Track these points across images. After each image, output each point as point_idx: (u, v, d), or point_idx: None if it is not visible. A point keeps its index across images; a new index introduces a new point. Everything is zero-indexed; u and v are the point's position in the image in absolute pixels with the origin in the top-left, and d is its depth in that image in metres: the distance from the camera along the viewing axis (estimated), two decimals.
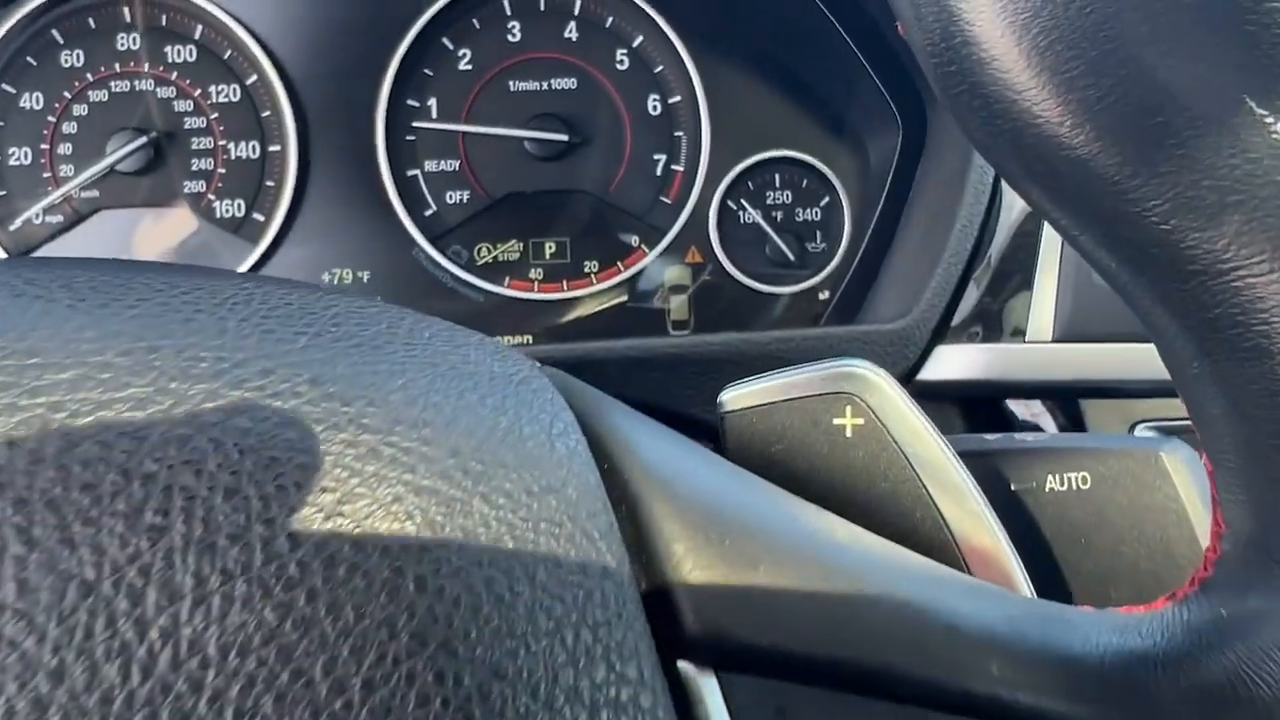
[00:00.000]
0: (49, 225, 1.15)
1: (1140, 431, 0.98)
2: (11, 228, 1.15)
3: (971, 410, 1.02)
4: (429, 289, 1.17)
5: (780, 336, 0.99)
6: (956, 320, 1.00)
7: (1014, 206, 1.01)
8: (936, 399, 1.01)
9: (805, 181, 1.19)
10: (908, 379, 0.99)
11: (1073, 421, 1.01)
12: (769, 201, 1.19)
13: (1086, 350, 0.97)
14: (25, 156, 1.15)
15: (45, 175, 1.15)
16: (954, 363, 1.00)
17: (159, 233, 1.16)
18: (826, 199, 1.19)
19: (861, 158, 1.18)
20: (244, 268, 1.15)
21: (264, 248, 1.15)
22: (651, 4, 1.15)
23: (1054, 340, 0.98)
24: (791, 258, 1.17)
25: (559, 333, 1.17)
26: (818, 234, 1.19)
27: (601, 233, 1.18)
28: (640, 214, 1.18)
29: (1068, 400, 1.01)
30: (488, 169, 1.17)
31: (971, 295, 1.00)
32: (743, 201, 1.18)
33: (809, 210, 1.18)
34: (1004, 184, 1.00)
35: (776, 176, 1.19)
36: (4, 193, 1.15)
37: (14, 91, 1.15)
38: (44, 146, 1.15)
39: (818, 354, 1.01)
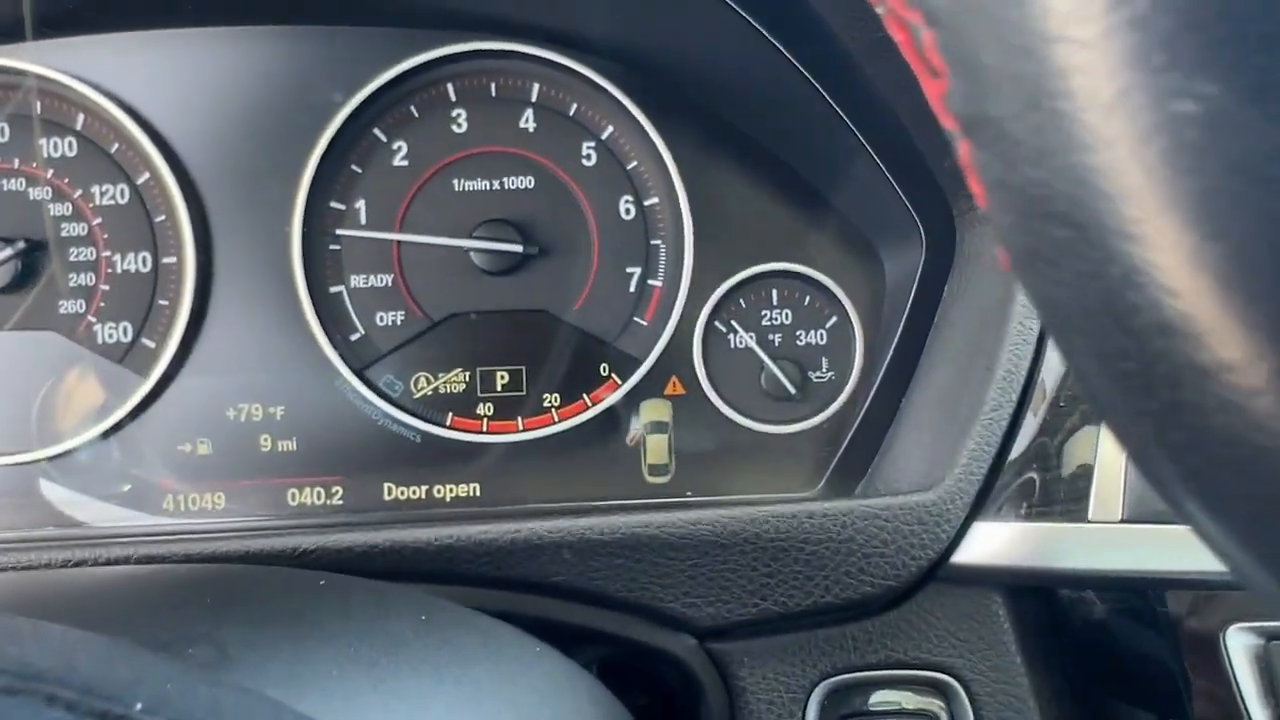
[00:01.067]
0: None
1: (1235, 633, 0.78)
2: None
3: (1017, 600, 0.81)
4: (355, 426, 0.97)
5: (783, 513, 0.79)
6: (998, 490, 0.80)
7: None
8: (974, 584, 0.81)
9: (808, 299, 0.99)
10: (940, 562, 0.79)
11: (1146, 615, 0.81)
12: (764, 322, 0.99)
13: (1165, 534, 0.76)
14: None
15: None
16: (996, 543, 0.79)
17: (25, 364, 0.96)
18: (833, 320, 0.99)
19: (875, 273, 0.99)
20: (130, 405, 0.95)
21: (155, 380, 0.95)
22: (623, 89, 0.96)
23: (1123, 520, 0.77)
24: (793, 390, 0.97)
25: (510, 484, 0.97)
26: (823, 361, 0.99)
27: (563, 360, 0.98)
28: (610, 338, 0.98)
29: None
30: (427, 285, 0.98)
31: (1016, 459, 0.80)
32: (733, 323, 0.99)
33: (813, 333, 0.99)
34: None
35: (774, 293, 0.99)
36: None
37: None
38: None
39: (830, 532, 0.82)
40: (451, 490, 0.98)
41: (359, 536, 0.78)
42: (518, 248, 0.96)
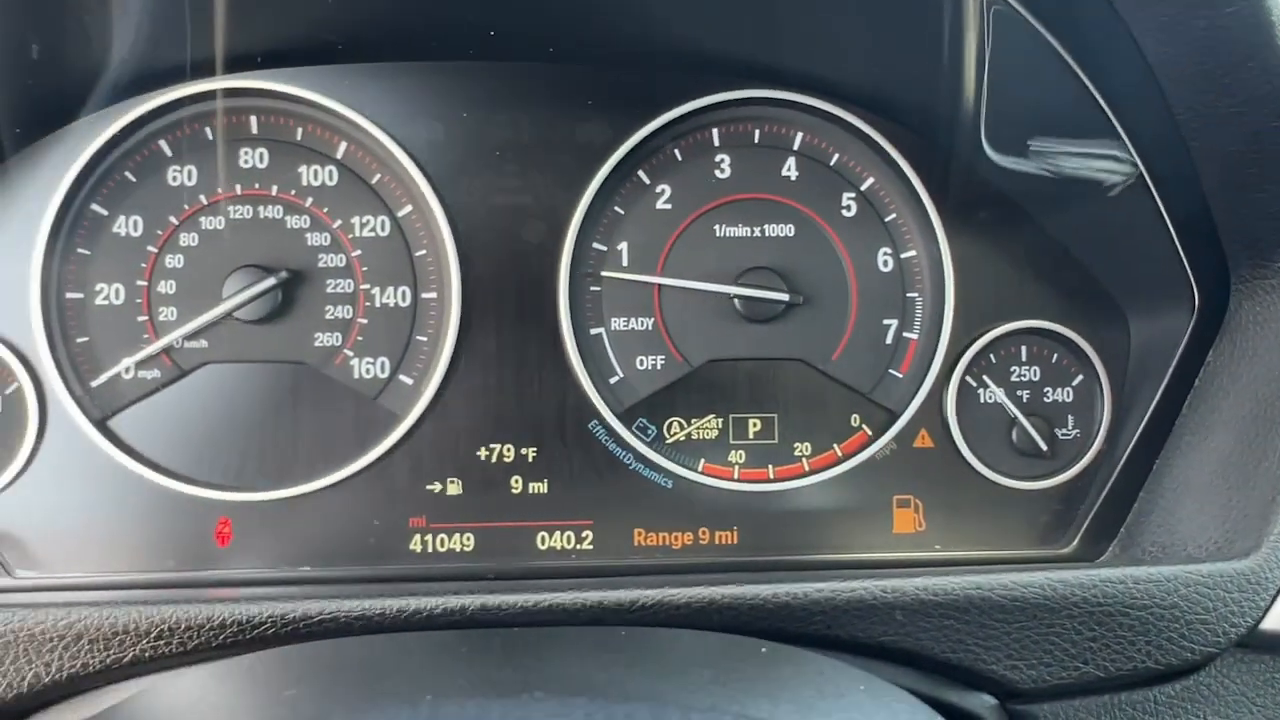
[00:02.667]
0: (141, 382, 0.92)
1: None
2: (95, 383, 0.91)
3: None
4: (607, 470, 0.96)
5: (1111, 577, 0.79)
6: None
7: None
8: (1275, 651, 0.82)
9: (1056, 356, 1.00)
10: (1253, 628, 0.79)
11: None
12: (1013, 378, 0.99)
13: None
14: (117, 295, 0.92)
15: (140, 319, 0.92)
16: None
17: (278, 397, 0.93)
18: (1080, 378, 1.00)
19: (1121, 333, 0.99)
20: (387, 443, 0.92)
21: (413, 419, 0.93)
22: (890, 140, 0.97)
23: None
24: (1044, 447, 0.97)
25: (765, 533, 0.96)
26: (1069, 419, 0.99)
27: (817, 410, 0.98)
28: (865, 390, 0.98)
29: None
30: (687, 330, 0.97)
31: None
32: (984, 378, 0.99)
33: (1060, 390, 0.99)
34: None
35: (1023, 349, 1.00)
36: (86, 339, 0.92)
37: (105, 213, 0.92)
38: (141, 283, 0.93)
39: (1155, 598, 0.82)
40: (706, 539, 0.96)
41: (698, 591, 0.76)
42: (784, 296, 0.96)
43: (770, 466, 0.98)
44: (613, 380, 0.96)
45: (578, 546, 0.96)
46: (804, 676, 0.64)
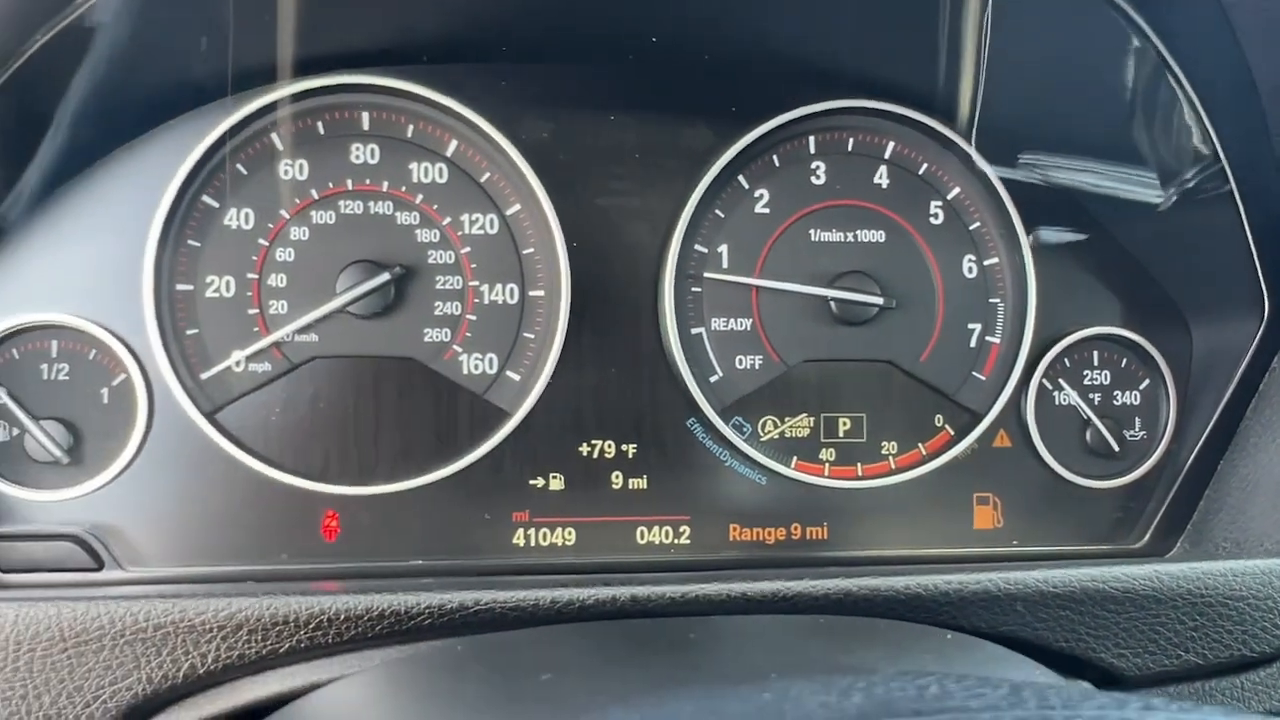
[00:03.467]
0: (251, 375, 0.92)
1: None
2: (204, 376, 0.91)
3: None
4: (703, 467, 0.98)
5: (1215, 570, 0.84)
6: None
7: None
8: None
9: (1125, 361, 1.05)
10: None
11: None
12: (1085, 382, 1.04)
13: None
14: (227, 288, 0.92)
15: (251, 312, 0.92)
16: None
17: (387, 391, 0.94)
18: (1146, 382, 1.05)
19: (1185, 338, 1.05)
20: (496, 439, 0.94)
21: (522, 415, 0.94)
22: (985, 153, 1.01)
23: None
24: (1115, 447, 1.02)
25: (853, 529, 1.00)
26: (1136, 420, 1.04)
27: (903, 410, 1.02)
28: (950, 391, 1.01)
29: None
30: (783, 331, 1.00)
31: None
32: (1060, 380, 1.03)
33: (1128, 394, 1.05)
34: None
35: (1095, 354, 1.04)
36: (195, 331, 0.92)
37: (216, 205, 0.92)
38: (251, 276, 0.93)
39: (1254, 590, 0.87)
40: (796, 534, 0.99)
41: (838, 583, 0.79)
42: (878, 300, 0.99)
43: (859, 464, 1.01)
44: (713, 379, 0.99)
45: (675, 541, 0.98)
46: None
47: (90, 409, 0.90)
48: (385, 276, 0.92)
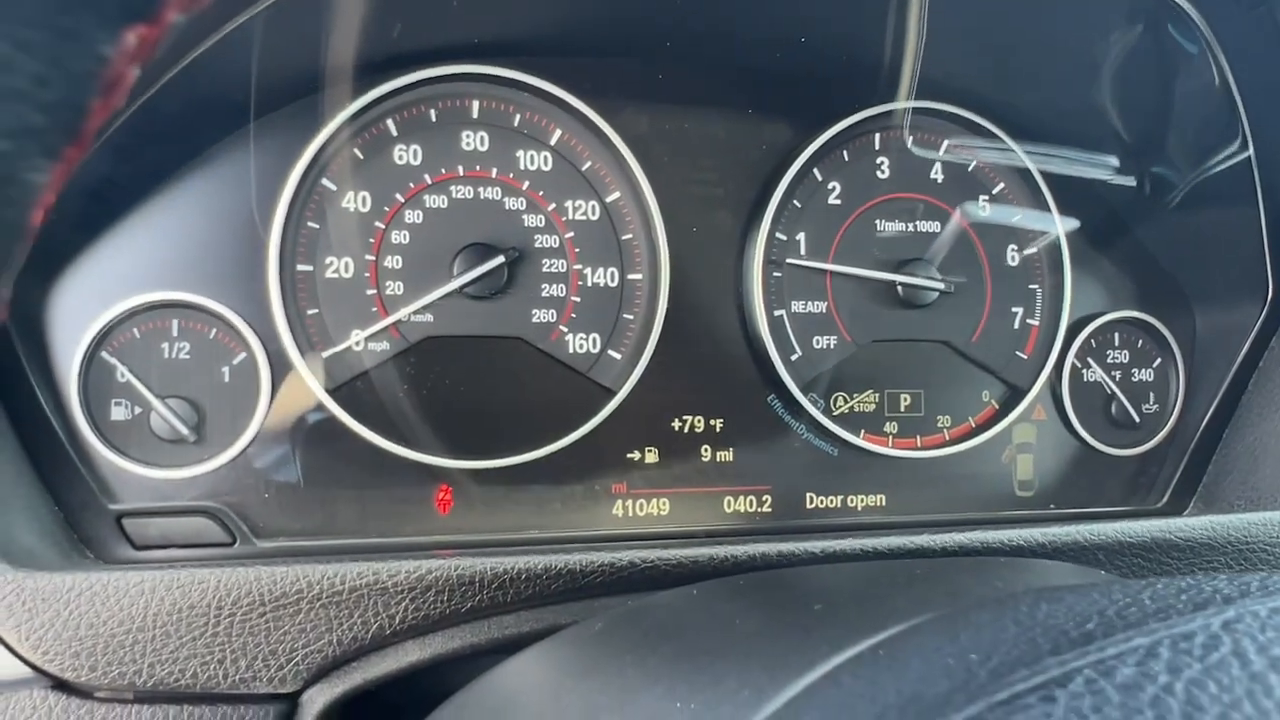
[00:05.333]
0: (370, 354, 0.95)
1: None
2: (326, 354, 0.94)
3: None
4: (783, 440, 1.06)
5: (1266, 520, 0.95)
6: None
7: None
8: None
9: (1140, 342, 1.17)
10: None
11: None
12: (1108, 360, 1.16)
13: None
14: (346, 268, 0.95)
15: (369, 293, 0.95)
16: None
17: (497, 370, 0.98)
18: (1158, 360, 1.17)
19: (1192, 321, 1.17)
20: (602, 415, 0.99)
21: (625, 392, 1.00)
22: (1027, 149, 1.11)
23: None
24: (1137, 419, 1.14)
25: (910, 495, 1.09)
26: (1150, 395, 1.17)
27: (956, 387, 1.11)
28: (998, 369, 1.11)
29: None
30: (854, 313, 1.08)
31: None
32: (1089, 359, 1.15)
33: (1144, 371, 1.16)
34: None
35: (1116, 335, 1.16)
36: (316, 311, 0.94)
37: (334, 189, 0.95)
38: (369, 258, 0.95)
39: (1270, 537, 0.99)
40: (863, 500, 1.08)
41: (910, 539, 0.87)
42: (940, 285, 1.08)
43: (918, 436, 1.10)
44: (793, 358, 1.06)
45: (759, 509, 1.05)
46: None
47: (212, 387, 0.91)
48: (500, 259, 0.96)
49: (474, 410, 0.97)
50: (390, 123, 0.96)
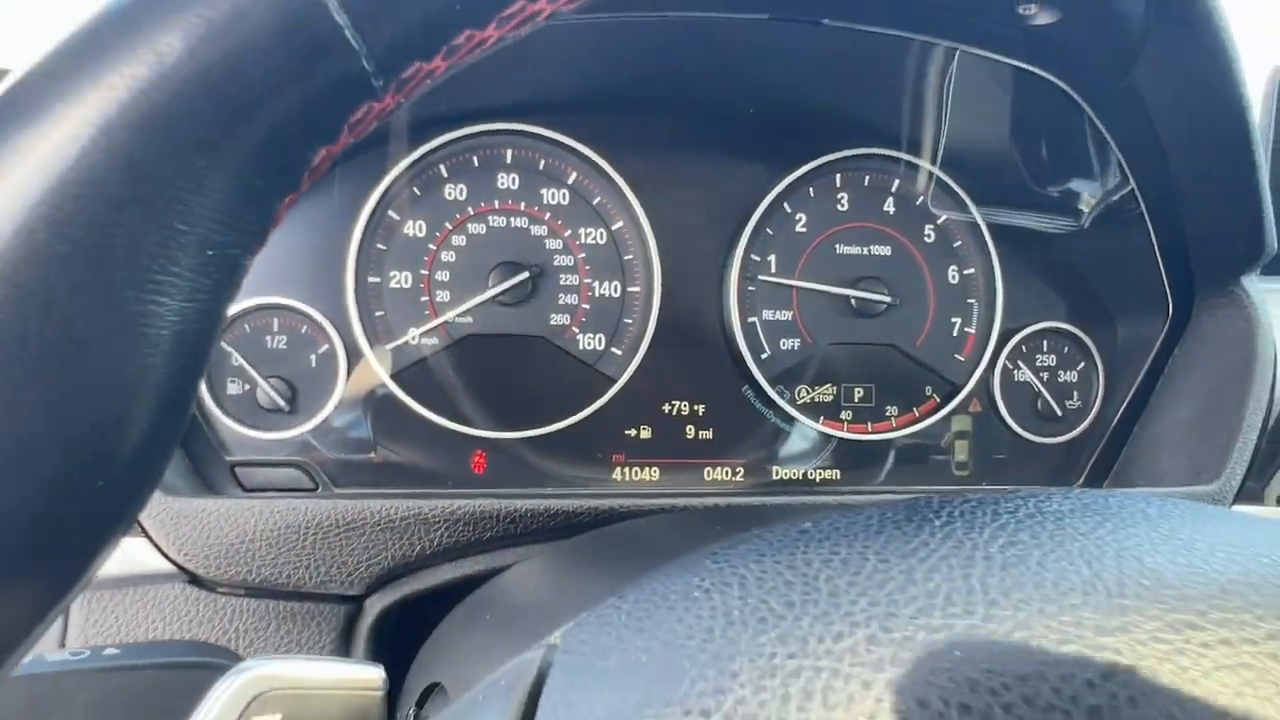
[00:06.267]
0: (424, 347, 1.22)
1: None
2: (389, 346, 1.21)
3: None
4: (755, 423, 1.30)
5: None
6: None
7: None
8: None
9: (1066, 348, 1.39)
10: None
11: None
12: (1037, 363, 1.38)
13: None
14: (405, 280, 1.22)
15: (423, 300, 1.22)
16: None
17: (523, 361, 1.24)
18: (1082, 364, 1.39)
19: (1112, 331, 1.39)
20: (605, 398, 1.25)
21: (623, 381, 1.26)
22: (961, 188, 1.34)
23: None
24: (1060, 413, 1.36)
25: (860, 470, 1.32)
26: (1074, 393, 1.38)
27: (903, 383, 1.34)
28: (938, 369, 1.35)
29: None
30: (815, 320, 1.32)
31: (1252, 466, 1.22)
32: (1019, 362, 1.37)
33: (1068, 373, 1.38)
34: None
35: (1044, 342, 1.38)
36: (381, 313, 1.21)
37: (398, 219, 1.22)
38: (423, 272, 1.22)
39: None
40: (821, 474, 1.32)
41: (853, 500, 1.11)
42: (887, 298, 1.32)
43: (869, 423, 1.34)
44: (763, 356, 1.30)
45: (733, 478, 1.30)
46: None
47: (302, 370, 1.19)
48: (526, 274, 1.22)
49: (504, 392, 1.24)
50: (442, 167, 1.23)
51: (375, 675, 0.58)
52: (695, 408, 1.29)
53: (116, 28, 0.36)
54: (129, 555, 0.98)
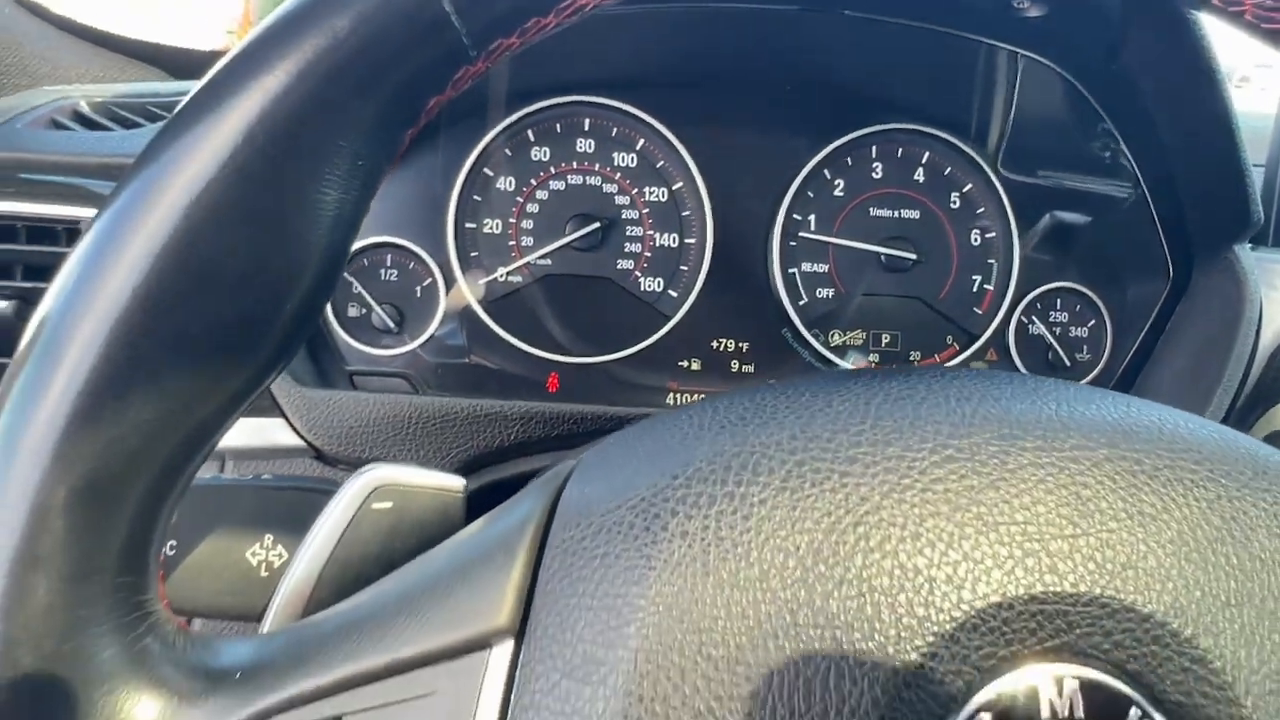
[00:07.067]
0: (509, 284, 1.45)
1: None
2: (480, 282, 1.44)
3: None
4: (789, 360, 1.50)
5: None
6: None
7: (1262, 341, 1.39)
8: None
9: (1078, 306, 1.55)
10: None
11: None
12: (1050, 319, 1.55)
13: None
14: (496, 227, 1.45)
15: (510, 244, 1.45)
16: None
17: (594, 297, 1.46)
18: (1093, 321, 1.55)
19: (1122, 292, 1.55)
20: (660, 334, 1.46)
21: (677, 319, 1.47)
22: (984, 159, 1.51)
23: None
24: (1069, 364, 1.53)
25: None
26: (1084, 348, 1.55)
27: (926, 331, 1.53)
28: (959, 320, 1.52)
29: None
30: (849, 273, 1.51)
31: (1230, 420, 1.37)
32: (1033, 317, 1.54)
33: (1079, 329, 1.55)
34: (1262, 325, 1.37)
35: (1058, 300, 1.55)
36: (475, 253, 1.45)
37: (492, 175, 1.45)
38: (511, 221, 1.45)
39: None
40: None
41: None
42: (912, 256, 1.50)
43: (894, 364, 1.52)
44: (801, 303, 1.50)
45: None
46: None
47: (410, 298, 1.43)
48: (596, 225, 1.44)
49: (575, 324, 1.46)
50: (530, 132, 1.45)
51: (459, 482, 0.81)
52: (740, 345, 1.49)
53: (308, 13, 0.58)
54: (269, 433, 1.23)
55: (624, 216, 1.47)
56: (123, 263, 0.52)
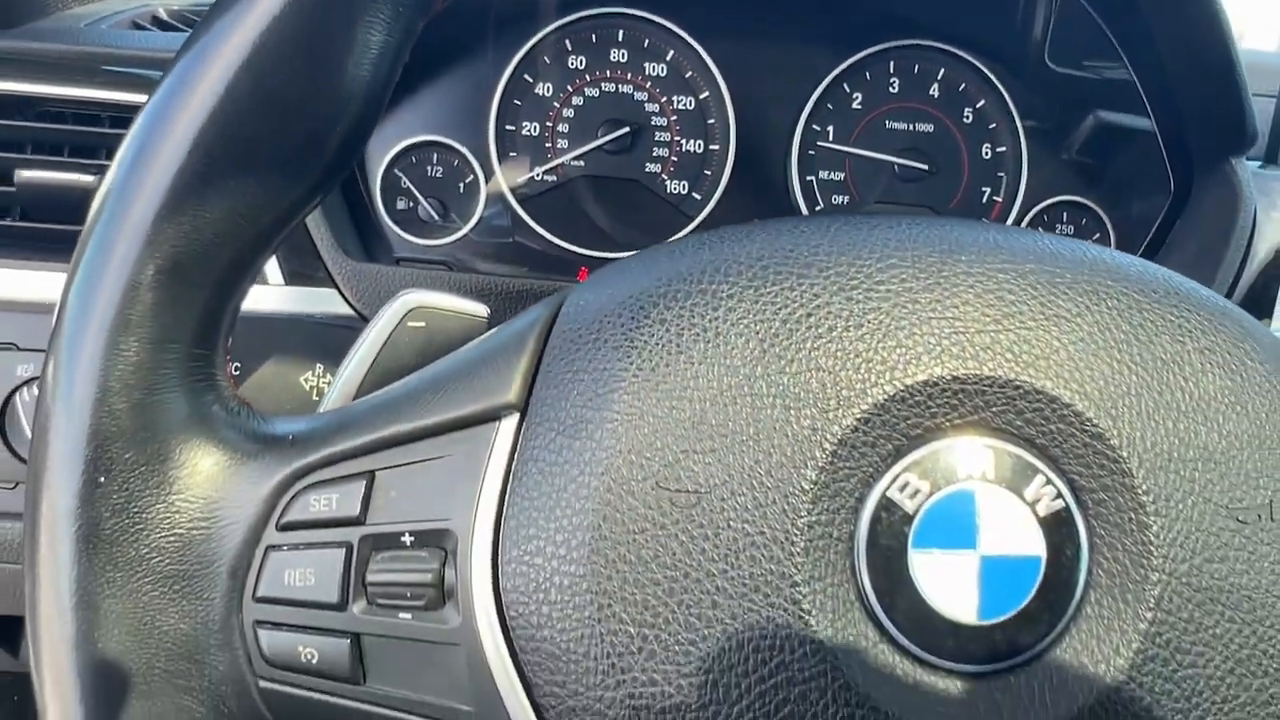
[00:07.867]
0: (545, 183, 1.56)
1: None
2: (518, 180, 1.56)
3: None
4: None
5: None
6: None
7: (1256, 254, 1.46)
8: None
9: (1085, 220, 1.63)
10: None
11: None
12: (1058, 231, 1.63)
13: None
14: (534, 130, 1.56)
15: (547, 145, 1.56)
16: None
17: (622, 198, 1.57)
18: (1097, 235, 1.63)
19: (1127, 207, 1.62)
20: (683, 232, 1.57)
21: (699, 220, 1.57)
22: (998, 77, 1.59)
23: None
24: None
25: None
26: None
27: None
28: None
29: None
30: (864, 182, 1.60)
31: None
32: (1040, 229, 1.62)
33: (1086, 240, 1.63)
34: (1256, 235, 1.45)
35: (1064, 213, 1.63)
36: (514, 154, 1.56)
37: (530, 81, 1.56)
38: (548, 124, 1.56)
39: None
40: None
41: None
42: (925, 167, 1.59)
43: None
44: (817, 209, 1.60)
45: None
46: None
47: (453, 193, 1.55)
48: (626, 129, 1.55)
49: (605, 221, 1.57)
50: (567, 41, 1.56)
51: (484, 309, 0.93)
52: None
53: None
54: (324, 303, 1.36)
55: (653, 123, 1.57)
56: (202, 87, 0.64)
